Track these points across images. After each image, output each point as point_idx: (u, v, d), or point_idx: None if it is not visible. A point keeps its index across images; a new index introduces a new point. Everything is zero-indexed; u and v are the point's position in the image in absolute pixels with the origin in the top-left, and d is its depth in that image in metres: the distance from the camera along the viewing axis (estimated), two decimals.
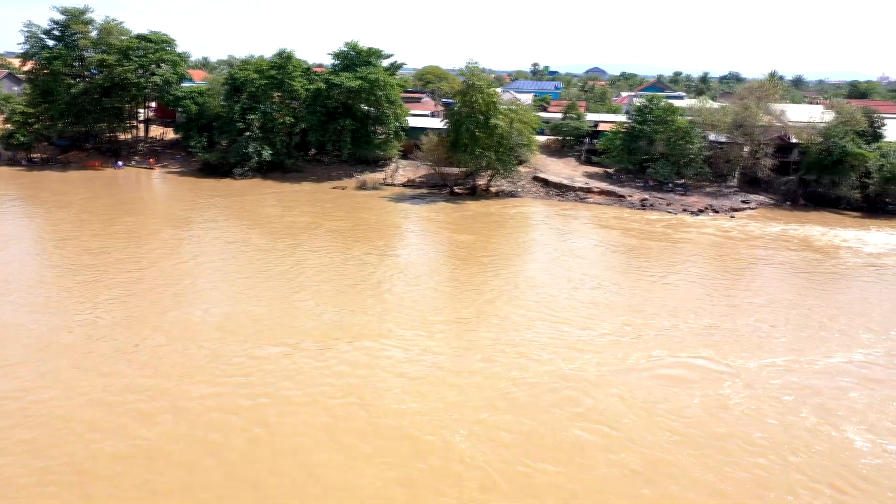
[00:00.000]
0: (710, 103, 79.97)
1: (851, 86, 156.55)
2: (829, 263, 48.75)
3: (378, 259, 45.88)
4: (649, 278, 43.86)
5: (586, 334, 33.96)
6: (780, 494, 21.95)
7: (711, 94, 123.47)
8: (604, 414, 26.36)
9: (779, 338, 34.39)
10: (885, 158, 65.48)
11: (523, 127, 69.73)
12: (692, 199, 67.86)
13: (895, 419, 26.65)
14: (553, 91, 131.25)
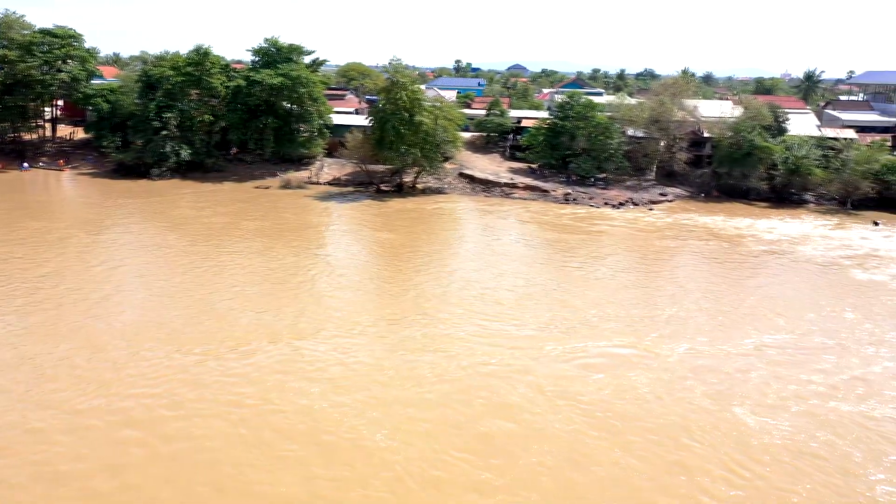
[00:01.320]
0: (628, 99, 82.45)
1: (757, 82, 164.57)
2: (738, 251, 51.14)
3: (301, 259, 45.18)
4: (574, 271, 44.91)
5: (512, 328, 34.47)
6: (686, 474, 22.81)
7: (628, 90, 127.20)
8: (522, 405, 26.73)
9: (694, 324, 35.85)
10: (790, 151, 69.14)
11: (448, 124, 70.03)
12: (613, 193, 69.82)
13: (789, 398, 28.17)
14: (476, 88, 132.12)
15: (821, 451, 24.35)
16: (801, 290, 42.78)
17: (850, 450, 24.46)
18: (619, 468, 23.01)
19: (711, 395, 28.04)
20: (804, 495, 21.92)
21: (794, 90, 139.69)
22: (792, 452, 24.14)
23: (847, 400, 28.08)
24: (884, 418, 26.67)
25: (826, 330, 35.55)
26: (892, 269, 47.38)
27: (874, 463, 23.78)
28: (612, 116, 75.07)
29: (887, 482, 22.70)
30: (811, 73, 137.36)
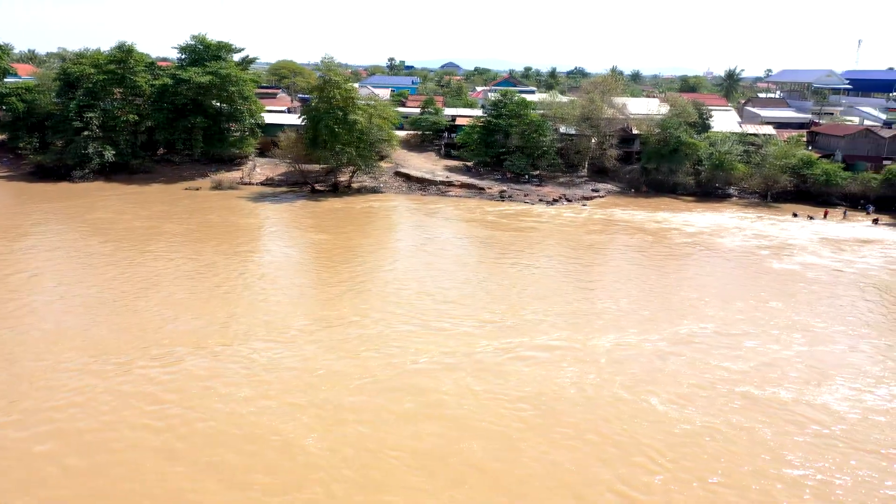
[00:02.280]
0: (560, 97, 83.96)
1: (682, 80, 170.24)
2: (666, 245, 52.79)
3: (233, 262, 44.17)
4: (509, 267, 45.41)
5: (447, 325, 34.58)
6: (609, 465, 23.44)
7: (560, 88, 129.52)
8: (452, 402, 26.89)
9: (624, 317, 36.78)
10: (714, 147, 71.80)
11: (383, 122, 69.75)
12: (547, 190, 70.96)
13: (707, 385, 29.29)
14: (410, 86, 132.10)
15: (733, 434, 25.28)
16: (724, 280, 44.49)
17: (763, 431, 25.53)
18: (547, 462, 23.35)
19: (632, 385, 28.74)
20: (720, 478, 22.75)
21: (716, 88, 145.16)
22: (706, 437, 25.01)
23: (760, 384, 29.22)
24: (792, 401, 27.88)
25: (747, 318, 37.06)
26: (804, 258, 49.77)
27: (783, 443, 24.86)
28: (544, 114, 76.27)
29: (795, 461, 23.85)
30: (732, 71, 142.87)
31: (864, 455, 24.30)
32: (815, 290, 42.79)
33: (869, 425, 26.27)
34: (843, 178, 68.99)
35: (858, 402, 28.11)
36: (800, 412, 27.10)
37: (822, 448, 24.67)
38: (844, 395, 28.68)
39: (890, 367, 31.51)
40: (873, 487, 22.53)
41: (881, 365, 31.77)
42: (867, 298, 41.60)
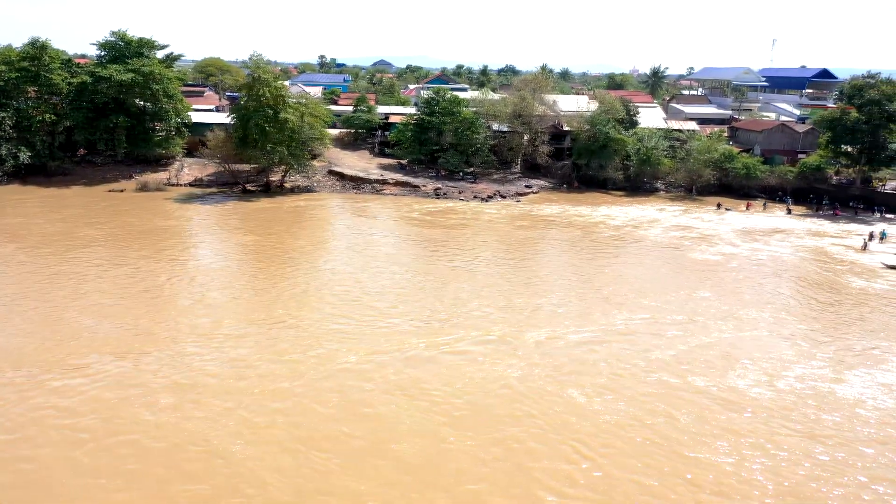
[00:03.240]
0: (492, 95, 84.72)
1: (609, 78, 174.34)
2: (597, 239, 54.07)
3: (160, 266, 42.79)
4: (444, 265, 45.58)
5: (380, 325, 34.39)
6: (535, 460, 23.74)
7: (491, 85, 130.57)
8: (381, 404, 26.71)
9: (556, 311, 37.45)
10: (641, 143, 73.91)
11: (314, 121, 68.85)
12: (481, 186, 71.53)
13: (629, 376, 30.26)
14: (342, 84, 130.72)
15: (654, 422, 25.96)
16: (653, 272, 45.86)
17: (682, 418, 26.37)
18: (476, 459, 23.38)
19: (561, 379, 29.11)
20: (643, 466, 23.36)
21: (642, 85, 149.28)
22: (626, 426, 25.61)
23: (686, 372, 30.16)
24: (716, 387, 28.88)
25: (677, 309, 38.32)
26: (727, 249, 51.85)
27: (699, 427, 25.75)
28: (477, 112, 76.82)
29: (706, 444, 24.77)
30: (657, 69, 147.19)
31: (780, 438, 25.47)
32: (739, 278, 44.61)
33: (782, 406, 27.53)
34: (762, 172, 72.17)
35: (773, 386, 29.41)
36: (723, 397, 28.06)
37: (741, 432, 25.62)
38: (758, 379, 29.89)
39: (804, 350, 33.15)
40: (788, 467, 23.63)
41: (795, 349, 33.39)
42: (785, 285, 43.67)
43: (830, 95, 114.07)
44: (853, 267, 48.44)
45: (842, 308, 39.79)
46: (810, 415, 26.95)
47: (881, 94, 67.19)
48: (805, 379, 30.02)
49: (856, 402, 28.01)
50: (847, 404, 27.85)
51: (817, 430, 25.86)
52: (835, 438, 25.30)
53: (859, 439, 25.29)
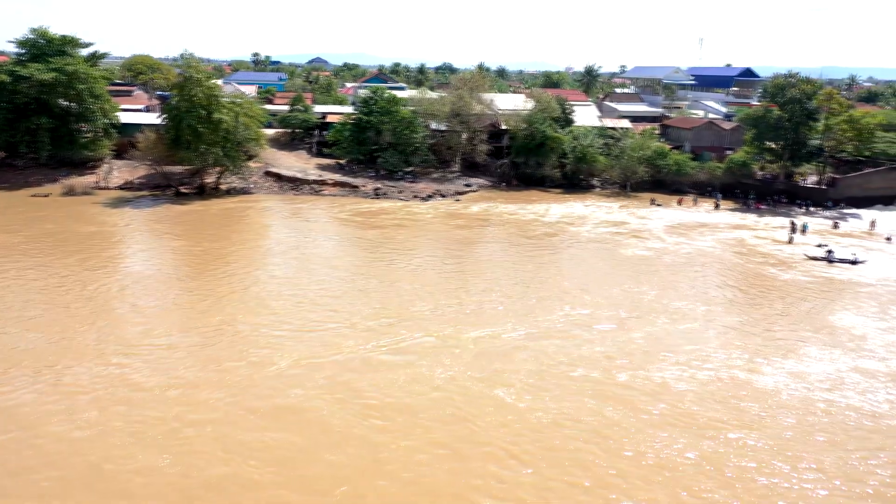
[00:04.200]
0: (430, 94, 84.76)
1: (545, 76, 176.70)
2: (535, 236, 54.87)
3: (89, 274, 41.24)
4: (384, 265, 45.46)
5: (318, 328, 34.06)
6: (465, 461, 23.89)
7: (429, 84, 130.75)
8: (313, 409, 26.42)
9: (499, 309, 37.86)
10: (577, 141, 75.27)
11: (250, 121, 67.49)
12: (421, 186, 71.58)
13: (559, 373, 30.98)
14: (277, 82, 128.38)
15: (585, 419, 26.42)
16: (590, 268, 46.86)
17: (613, 414, 27.00)
18: (410, 464, 23.29)
19: (496, 380, 29.12)
20: (572, 464, 23.84)
21: (577, 83, 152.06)
22: (558, 424, 25.95)
23: (618, 367, 30.85)
24: (634, 383, 29.44)
25: (614, 304, 39.28)
26: (662, 244, 53.40)
27: (627, 422, 26.39)
28: (415, 111, 76.76)
29: (635, 438, 25.47)
30: (590, 67, 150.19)
31: (703, 428, 26.47)
32: (673, 273, 46.03)
33: (707, 397, 28.61)
34: (692, 168, 74.59)
35: (697, 378, 30.52)
36: (651, 390, 28.82)
37: (670, 424, 26.39)
38: (685, 372, 30.85)
39: (732, 342, 34.50)
40: (716, 458, 24.58)
41: (723, 341, 34.72)
42: (717, 279, 45.30)
43: (754, 93, 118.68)
44: (779, 259, 50.62)
45: (768, 300, 41.53)
46: (735, 403, 28.00)
47: (801, 92, 70.34)
48: (731, 369, 31.12)
49: (775, 392, 29.17)
50: (767, 393, 28.98)
51: (746, 419, 26.94)
52: (760, 425, 26.40)
53: (782, 426, 26.48)
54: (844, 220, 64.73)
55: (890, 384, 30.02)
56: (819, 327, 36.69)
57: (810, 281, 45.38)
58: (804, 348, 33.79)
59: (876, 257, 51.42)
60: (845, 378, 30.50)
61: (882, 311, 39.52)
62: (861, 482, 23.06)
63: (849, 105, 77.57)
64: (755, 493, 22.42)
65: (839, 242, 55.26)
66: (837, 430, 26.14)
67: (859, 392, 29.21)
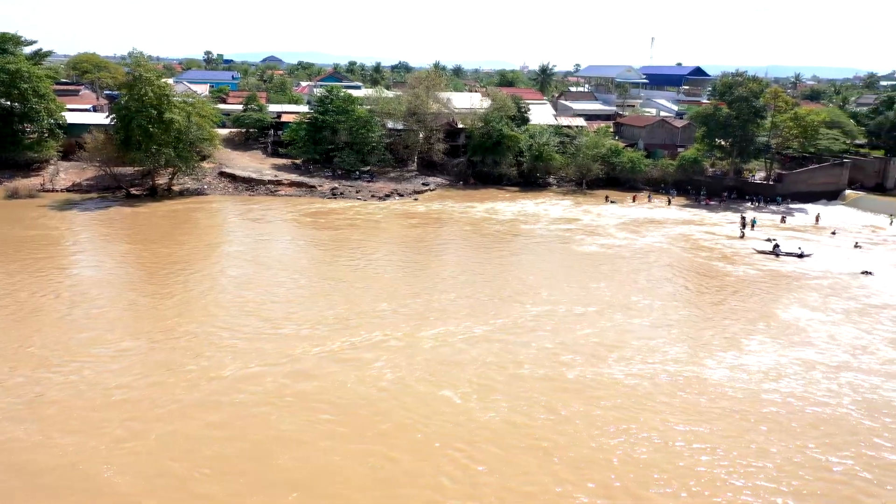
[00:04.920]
0: (386, 93, 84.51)
1: (501, 75, 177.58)
2: (495, 234, 55.21)
3: (34, 280, 40.00)
4: (343, 266, 45.18)
5: (272, 332, 33.59)
6: (427, 458, 23.96)
7: (385, 83, 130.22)
8: (260, 414, 25.98)
9: (456, 308, 37.91)
10: (533, 139, 75.94)
11: (202, 121, 66.26)
12: (379, 185, 71.31)
13: (506, 373, 31.34)
14: (231, 81, 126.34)
15: (535, 415, 26.57)
16: (546, 266, 47.34)
17: (563, 411, 27.27)
18: (356, 472, 22.86)
19: (442, 380, 28.91)
20: (520, 463, 23.78)
21: (532, 82, 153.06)
22: (509, 423, 25.93)
23: (564, 364, 31.08)
24: (587, 379, 29.74)
25: (572, 300, 39.75)
26: (613, 241, 54.30)
27: (580, 419, 26.70)
28: (371, 110, 76.47)
29: (587, 435, 25.91)
30: (545, 66, 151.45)
31: (652, 421, 27.06)
32: (627, 269, 46.81)
33: (657, 390, 29.25)
34: (646, 165, 75.97)
35: (662, 370, 31.16)
36: (603, 386, 29.20)
37: (621, 419, 26.74)
38: (637, 367, 31.48)
39: (683, 336, 35.30)
40: (668, 450, 25.15)
41: (674, 335, 35.51)
42: (669, 274, 46.24)
43: (704, 92, 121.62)
44: (729, 253, 51.93)
45: (718, 294, 42.58)
46: (685, 397, 28.59)
47: (748, 91, 72.24)
48: (680, 363, 31.67)
49: (723, 384, 29.82)
50: (716, 385, 29.63)
51: (697, 411, 27.55)
52: (710, 417, 27.07)
53: (731, 417, 27.20)
54: (791, 214, 66.76)
55: (830, 374, 30.97)
56: (764, 320, 37.68)
57: (758, 274, 46.67)
58: (751, 340, 34.67)
59: (820, 251, 53.17)
60: (788, 369, 31.35)
61: (824, 304, 40.82)
62: (806, 467, 23.81)
63: (794, 103, 79.99)
64: (709, 484, 22.97)
65: (790, 237, 56.96)
66: (783, 419, 26.94)
67: (802, 382, 30.04)
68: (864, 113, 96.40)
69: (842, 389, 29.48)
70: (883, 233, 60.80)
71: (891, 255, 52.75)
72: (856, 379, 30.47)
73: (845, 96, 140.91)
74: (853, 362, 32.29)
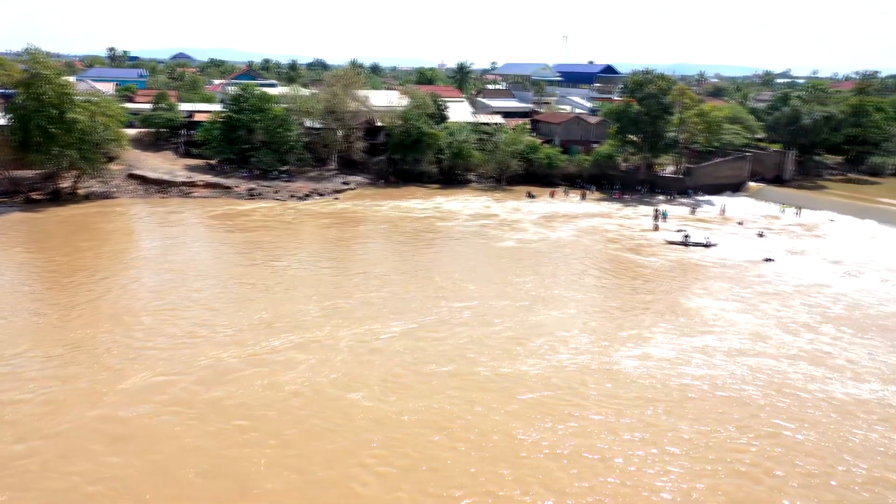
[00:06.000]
0: (303, 91, 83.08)
1: (419, 72, 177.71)
2: (417, 231, 55.29)
3: None
4: (263, 269, 44.18)
5: (186, 340, 32.57)
6: (336, 465, 23.59)
7: (301, 81, 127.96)
8: (165, 426, 25.15)
9: (378, 308, 37.73)
10: (452, 136, 76.40)
11: (108, 120, 63.23)
12: (298, 185, 70.08)
13: (424, 373, 31.70)
14: (138, 79, 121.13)
15: (446, 413, 26.50)
16: (467, 262, 47.82)
17: (478, 407, 27.70)
18: (266, 481, 22.39)
19: (356, 382, 28.57)
20: (435, 465, 23.78)
21: (450, 80, 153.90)
22: (426, 423, 25.85)
23: (474, 362, 31.32)
24: (501, 374, 30.04)
25: (497, 294, 40.30)
26: (533, 235, 55.41)
27: (494, 414, 27.01)
28: (288, 108, 75.02)
29: (518, 431, 26.54)
30: (463, 64, 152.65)
31: (566, 413, 27.85)
32: (545, 263, 47.85)
33: (571, 381, 30.10)
34: (562, 161, 77.78)
35: (575, 362, 32.04)
36: (518, 381, 29.65)
37: (538, 412, 27.19)
38: (550, 359, 32.17)
39: (596, 328, 36.43)
40: (585, 440, 25.92)
41: (588, 323, 36.60)
42: (585, 266, 47.57)
43: (615, 89, 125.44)
44: (642, 244, 53.87)
45: (629, 284, 44.14)
46: (597, 386, 29.38)
47: (657, 88, 75.05)
48: (593, 354, 32.54)
49: (632, 372, 30.92)
50: (626, 374, 30.66)
51: (608, 401, 28.45)
52: (622, 405, 28.07)
53: (643, 404, 28.30)
54: (700, 206, 69.87)
55: (727, 359, 32.40)
56: (672, 309, 39.12)
57: (669, 264, 48.63)
58: (660, 329, 35.89)
59: (727, 240, 55.89)
60: (693, 356, 32.59)
61: (727, 292, 42.76)
62: (717, 449, 25.06)
63: (699, 100, 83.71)
64: (623, 473, 23.79)
65: (700, 227, 59.57)
66: (691, 405, 28.20)
67: (706, 368, 31.33)
68: (763, 109, 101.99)
69: (742, 373, 30.93)
70: (781, 221, 64.48)
71: (790, 242, 56.01)
72: (755, 363, 32.02)
73: (745, 93, 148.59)
74: (753, 348, 33.84)
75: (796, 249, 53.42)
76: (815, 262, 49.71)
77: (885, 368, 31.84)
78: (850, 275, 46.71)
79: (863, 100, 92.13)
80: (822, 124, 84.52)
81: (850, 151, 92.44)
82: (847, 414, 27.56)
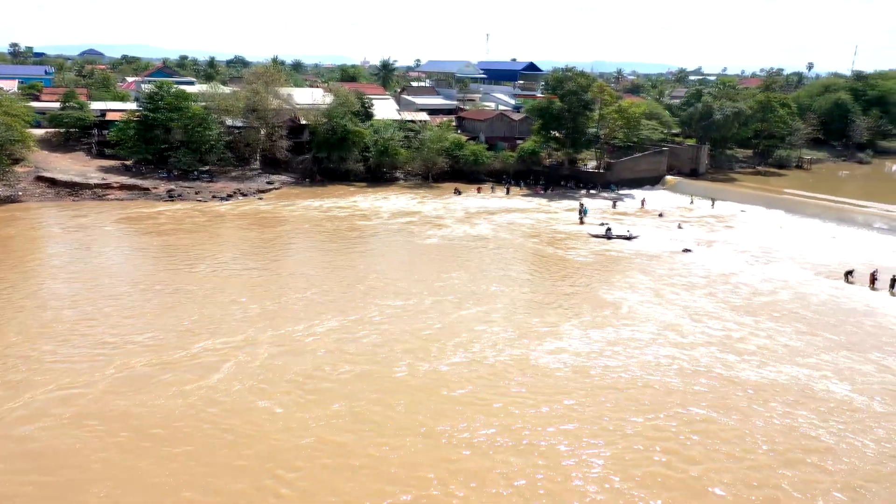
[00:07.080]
0: (222, 88, 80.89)
1: (342, 70, 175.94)
2: (343, 231, 54.79)
3: None
4: (186, 273, 42.85)
5: (99, 349, 31.14)
6: (246, 476, 23.63)
7: (221, 78, 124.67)
8: (67, 438, 24.02)
9: (307, 309, 37.23)
10: (378, 134, 76.04)
11: (12, 120, 59.95)
12: (220, 185, 68.23)
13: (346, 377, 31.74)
14: (44, 77, 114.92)
15: (351, 425, 25.78)
16: (395, 260, 47.81)
17: (398, 406, 27.91)
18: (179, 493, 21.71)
19: (266, 390, 27.83)
20: (342, 476, 23.81)
21: (374, 77, 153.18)
22: (352, 431, 25.29)
23: (388, 361, 31.30)
24: (419, 374, 29.99)
25: (428, 292, 40.36)
26: (459, 231, 55.82)
27: (416, 411, 27.00)
28: (207, 107, 72.83)
29: (438, 427, 26.89)
30: (386, 61, 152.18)
31: (495, 408, 28.33)
32: (470, 258, 48.28)
33: (492, 376, 30.61)
34: (488, 158, 78.65)
35: (495, 357, 32.53)
36: (439, 379, 29.82)
37: (463, 409, 27.38)
38: (475, 354, 32.60)
39: (516, 321, 37.09)
40: (511, 433, 26.41)
41: (509, 319, 37.23)
42: (511, 261, 48.31)
43: (538, 86, 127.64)
44: (565, 238, 55.09)
45: (552, 278, 45.09)
46: (521, 380, 29.83)
47: (578, 85, 76.86)
48: (514, 348, 32.78)
49: (554, 365, 31.51)
50: (547, 368, 31.12)
51: (533, 394, 29.04)
52: (545, 397, 28.70)
53: (566, 395, 29.01)
54: (622, 200, 71.99)
55: (646, 349, 33.36)
56: (592, 302, 39.96)
57: (591, 256, 49.91)
58: (580, 322, 36.60)
59: (647, 232, 57.83)
60: (611, 347, 33.33)
61: (645, 283, 44.11)
62: (638, 436, 25.94)
63: (617, 96, 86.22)
64: (550, 466, 24.33)
65: (622, 221, 61.37)
66: (612, 395, 29.09)
67: (623, 358, 32.21)
68: (678, 105, 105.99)
69: (660, 361, 31.93)
70: (696, 213, 67.20)
71: (706, 234, 58.42)
72: (672, 352, 33.09)
73: (661, 90, 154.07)
74: (669, 337, 34.94)
75: (711, 240, 55.79)
76: (727, 252, 52.02)
77: (794, 351, 33.69)
78: (759, 262, 49.16)
79: (769, 96, 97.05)
80: (732, 119, 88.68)
81: (758, 145, 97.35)
82: (761, 395, 28.98)
